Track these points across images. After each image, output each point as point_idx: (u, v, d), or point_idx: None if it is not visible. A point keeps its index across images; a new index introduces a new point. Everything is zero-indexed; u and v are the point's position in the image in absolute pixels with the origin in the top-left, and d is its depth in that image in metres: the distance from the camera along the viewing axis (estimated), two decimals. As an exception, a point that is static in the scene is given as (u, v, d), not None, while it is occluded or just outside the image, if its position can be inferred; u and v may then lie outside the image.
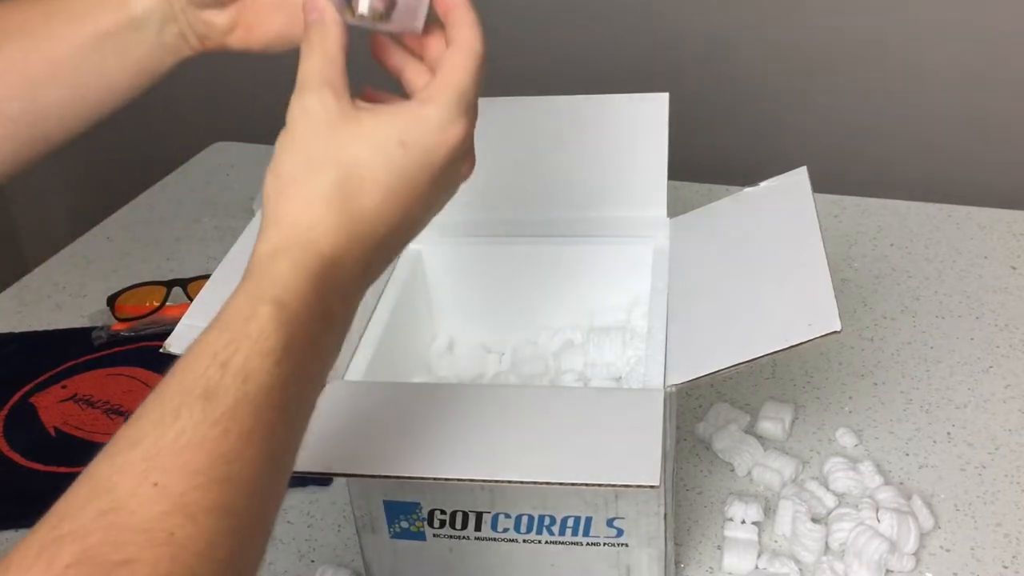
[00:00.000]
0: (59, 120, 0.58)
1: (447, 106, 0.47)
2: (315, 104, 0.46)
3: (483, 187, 0.74)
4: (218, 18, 0.56)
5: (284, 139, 0.46)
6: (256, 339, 0.41)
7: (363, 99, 0.50)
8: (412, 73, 0.52)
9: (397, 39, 0.52)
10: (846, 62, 1.10)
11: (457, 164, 0.49)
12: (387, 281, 0.72)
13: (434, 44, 0.51)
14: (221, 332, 0.41)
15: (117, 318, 0.95)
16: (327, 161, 0.45)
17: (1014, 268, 0.95)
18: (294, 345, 0.42)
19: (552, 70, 1.20)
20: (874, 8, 1.06)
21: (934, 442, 0.76)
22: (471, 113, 0.48)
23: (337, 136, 0.46)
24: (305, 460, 0.52)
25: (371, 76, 0.51)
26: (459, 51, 0.48)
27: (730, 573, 0.67)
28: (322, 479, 0.76)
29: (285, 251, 0.44)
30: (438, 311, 0.78)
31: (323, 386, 0.45)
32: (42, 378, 0.89)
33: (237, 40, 0.56)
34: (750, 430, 0.78)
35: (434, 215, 0.50)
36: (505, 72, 1.22)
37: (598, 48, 1.17)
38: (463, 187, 0.50)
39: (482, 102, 0.49)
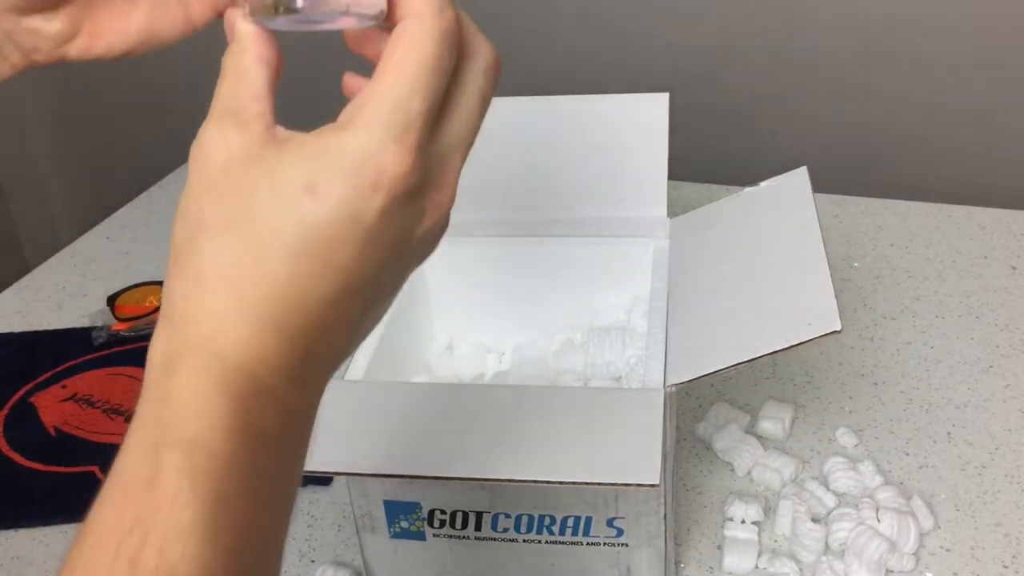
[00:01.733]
0: None
1: (372, 129, 0.34)
2: (212, 141, 0.35)
3: (483, 187, 0.74)
4: (49, 25, 0.43)
5: (186, 185, 0.35)
6: (169, 514, 0.30)
7: (346, 90, 0.38)
8: None
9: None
10: (846, 62, 1.10)
11: (407, 211, 0.35)
12: (387, 281, 0.72)
13: None
14: (123, 504, 0.31)
15: (117, 318, 0.96)
16: (222, 220, 0.34)
17: (1014, 268, 0.95)
18: (225, 502, 0.31)
19: (552, 70, 1.20)
20: (874, 8, 1.06)
21: (934, 442, 0.76)
22: (417, 134, 0.34)
23: (236, 184, 0.34)
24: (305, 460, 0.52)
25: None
26: (401, 40, 0.35)
27: (730, 573, 0.67)
28: (322, 479, 0.76)
29: (184, 359, 0.33)
30: (438, 311, 0.78)
31: (292, 507, 0.35)
32: (42, 378, 0.89)
33: (80, 49, 0.44)
34: (750, 430, 0.78)
35: (400, 279, 0.37)
36: (505, 72, 1.22)
37: (598, 48, 1.17)
38: (463, 188, 0.40)
39: None
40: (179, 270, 0.34)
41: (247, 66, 0.36)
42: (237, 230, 0.33)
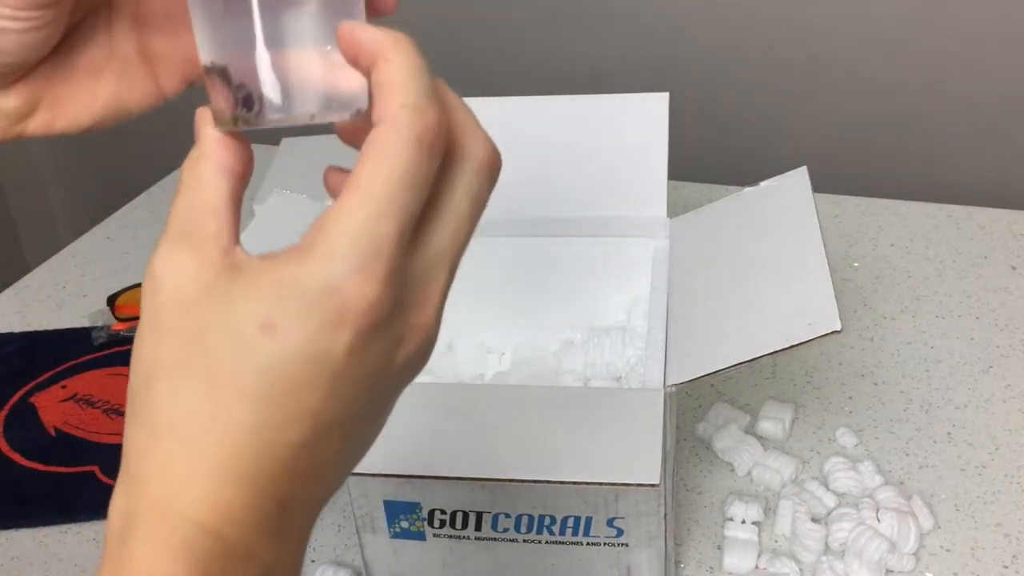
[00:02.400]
0: None
1: (333, 260, 0.29)
2: (164, 268, 0.31)
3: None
4: (4, 102, 0.39)
5: (140, 319, 0.31)
6: None
7: (327, 187, 0.35)
8: None
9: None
10: (847, 62, 1.10)
11: (381, 342, 0.31)
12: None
13: None
14: None
15: (117, 318, 0.95)
16: (176, 363, 0.30)
17: (1014, 268, 0.95)
18: None
19: (552, 70, 1.20)
20: (875, 7, 1.06)
21: (934, 442, 0.76)
22: (387, 261, 0.30)
23: (188, 320, 0.30)
24: None
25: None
26: (370, 153, 0.30)
27: (730, 573, 0.67)
28: (322, 479, 0.76)
29: (141, 521, 0.30)
30: (438, 311, 0.78)
31: None
32: (42, 378, 0.89)
33: (40, 126, 0.39)
34: (750, 430, 0.78)
35: (383, 408, 0.34)
36: (505, 72, 1.22)
37: (598, 48, 1.17)
38: None
39: (482, 102, 0.43)
40: (134, 420, 0.31)
41: (205, 175, 0.32)
42: (192, 374, 0.30)
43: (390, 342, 0.31)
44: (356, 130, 0.34)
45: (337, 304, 0.29)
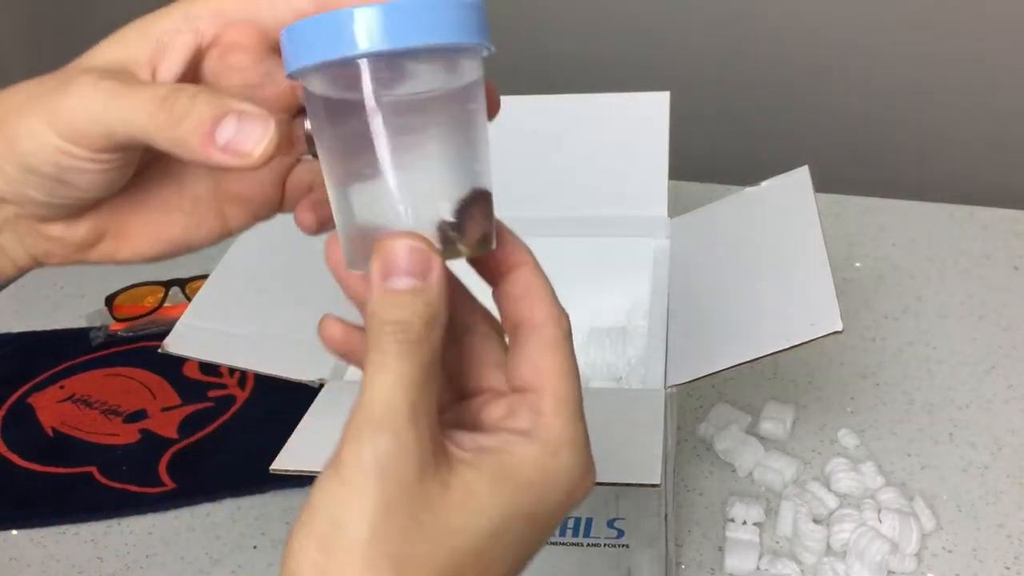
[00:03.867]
0: None
1: (580, 447, 0.35)
2: (389, 453, 0.31)
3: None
4: (71, 232, 0.39)
5: (332, 502, 0.32)
6: None
7: (327, 336, 0.38)
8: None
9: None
10: (848, 61, 1.09)
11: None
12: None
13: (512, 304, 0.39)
14: None
15: (115, 318, 0.95)
16: (413, 561, 0.31)
17: (1016, 268, 0.94)
18: None
19: (552, 69, 1.19)
20: (876, 7, 1.06)
21: (936, 443, 0.76)
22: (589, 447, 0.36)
23: (426, 515, 0.31)
24: (305, 460, 0.51)
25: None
26: (552, 346, 0.37)
27: (731, 574, 0.67)
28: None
29: None
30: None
31: None
32: (40, 378, 0.89)
33: (103, 254, 0.40)
34: (751, 431, 0.77)
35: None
36: (505, 72, 1.22)
37: (598, 47, 1.17)
38: None
39: None
40: None
41: (431, 348, 0.33)
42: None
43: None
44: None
45: (585, 486, 0.36)
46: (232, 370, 0.88)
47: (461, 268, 0.39)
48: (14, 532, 0.74)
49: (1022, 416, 0.78)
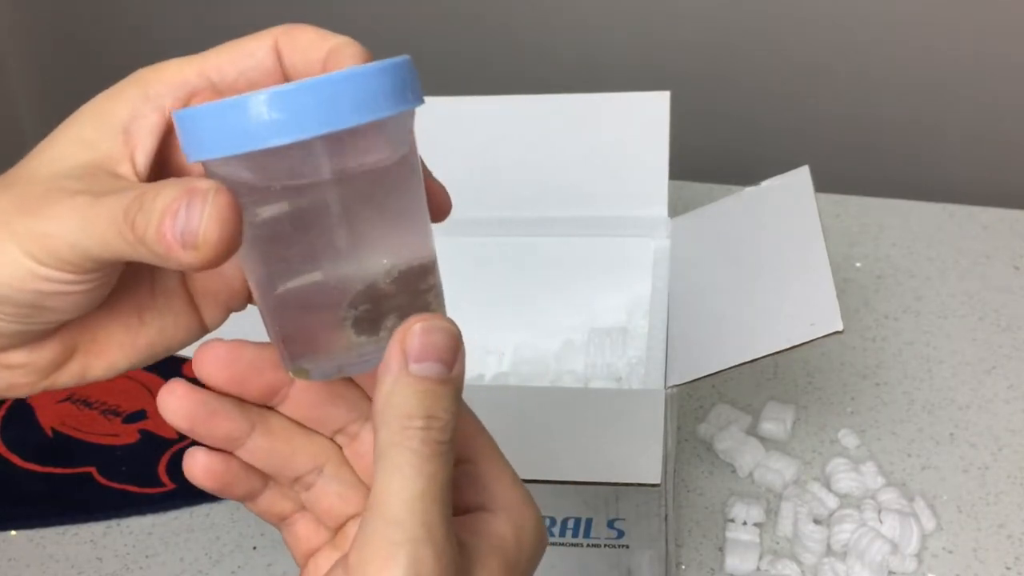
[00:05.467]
0: None
1: (531, 505, 0.36)
2: (433, 571, 0.30)
3: (483, 186, 0.73)
4: (36, 356, 0.34)
5: None
6: None
7: None
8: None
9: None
10: (848, 61, 1.09)
11: None
12: (386, 281, 0.72)
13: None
14: None
15: (115, 318, 0.95)
16: None
17: (1017, 268, 0.94)
18: None
19: (552, 69, 1.19)
20: (876, 6, 1.06)
21: (936, 443, 0.76)
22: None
23: None
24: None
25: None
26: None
27: (731, 574, 0.67)
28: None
29: None
30: (438, 311, 0.78)
31: None
32: (40, 378, 0.89)
33: (73, 375, 0.35)
34: (752, 431, 0.77)
35: None
36: (505, 71, 1.22)
37: (598, 46, 1.17)
38: (461, 185, 0.42)
39: (483, 100, 0.44)
40: None
41: (445, 455, 0.32)
42: None
43: None
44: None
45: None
46: (232, 370, 0.88)
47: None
48: (13, 532, 0.74)
49: (1022, 416, 0.78)
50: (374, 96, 0.31)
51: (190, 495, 0.76)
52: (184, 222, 0.29)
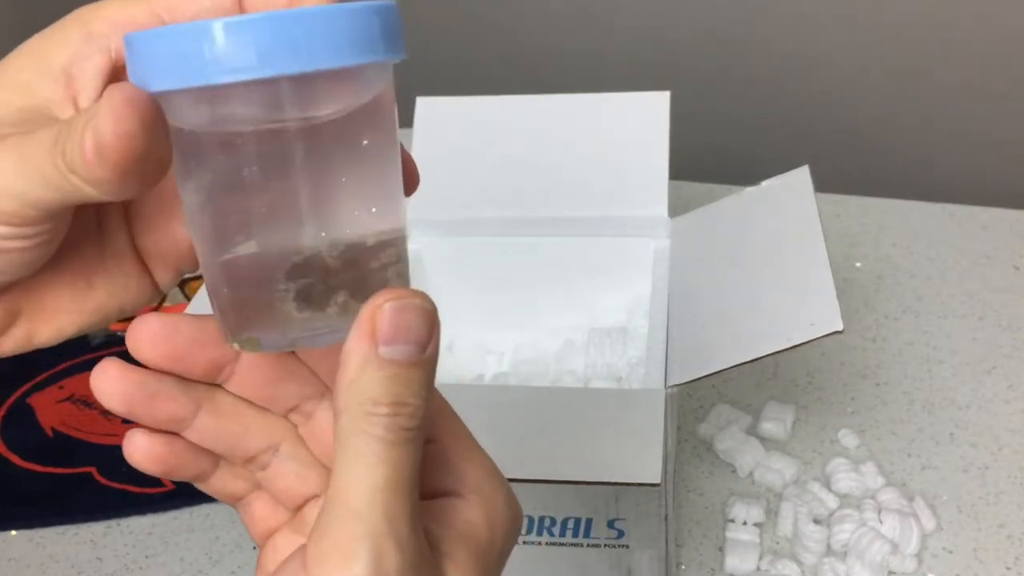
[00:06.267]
0: None
1: (502, 485, 0.34)
2: (398, 570, 0.28)
3: (483, 186, 0.73)
4: None
5: None
6: None
7: None
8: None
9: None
10: (848, 61, 1.09)
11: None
12: (386, 281, 0.72)
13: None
14: None
15: (115, 318, 0.95)
16: None
17: (1017, 268, 0.94)
18: None
19: (552, 69, 1.19)
20: (877, 6, 1.06)
21: (937, 443, 0.76)
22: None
23: None
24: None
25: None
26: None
27: (731, 574, 0.67)
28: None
29: None
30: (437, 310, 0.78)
31: None
32: (39, 378, 0.89)
33: (18, 341, 0.34)
34: (752, 431, 0.77)
35: None
36: (505, 71, 1.22)
37: (599, 46, 1.17)
38: (462, 185, 0.42)
39: (484, 100, 0.44)
40: None
41: (411, 437, 0.29)
42: None
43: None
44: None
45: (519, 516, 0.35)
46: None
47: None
48: (13, 532, 0.74)
49: (1022, 416, 0.78)
50: (352, 38, 0.28)
51: (190, 495, 0.76)
52: (95, 130, 0.27)
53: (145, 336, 0.33)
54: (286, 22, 0.27)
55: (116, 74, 0.32)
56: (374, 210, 0.31)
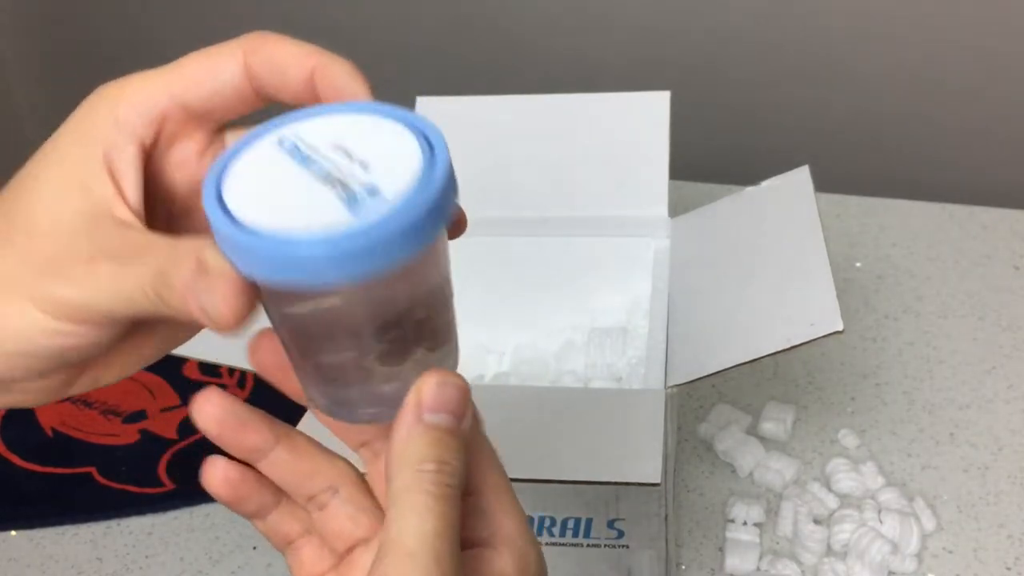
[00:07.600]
0: None
1: (534, 543, 0.37)
2: None
3: (483, 185, 0.73)
4: (52, 381, 0.36)
5: None
6: None
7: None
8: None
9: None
10: (849, 60, 1.09)
11: None
12: (386, 281, 0.72)
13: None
14: None
15: (115, 318, 0.95)
16: None
17: (1017, 268, 0.94)
18: None
19: (552, 69, 1.19)
20: (876, 6, 1.06)
21: (937, 443, 0.76)
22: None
23: None
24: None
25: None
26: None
27: (731, 574, 0.67)
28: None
29: None
30: (438, 311, 0.78)
31: None
32: (40, 378, 0.89)
33: (85, 385, 0.37)
34: (752, 431, 0.77)
35: None
36: (505, 71, 1.22)
37: (598, 46, 1.17)
38: (461, 185, 0.44)
39: (484, 100, 0.44)
40: None
41: (454, 496, 0.33)
42: None
43: None
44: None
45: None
46: (232, 370, 0.88)
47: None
48: (13, 532, 0.74)
49: (1022, 416, 0.78)
50: (422, 225, 0.31)
51: (190, 495, 0.76)
52: (201, 301, 0.31)
53: (265, 350, 0.37)
54: (385, 229, 0.29)
55: (150, 162, 0.34)
56: (442, 302, 0.38)
